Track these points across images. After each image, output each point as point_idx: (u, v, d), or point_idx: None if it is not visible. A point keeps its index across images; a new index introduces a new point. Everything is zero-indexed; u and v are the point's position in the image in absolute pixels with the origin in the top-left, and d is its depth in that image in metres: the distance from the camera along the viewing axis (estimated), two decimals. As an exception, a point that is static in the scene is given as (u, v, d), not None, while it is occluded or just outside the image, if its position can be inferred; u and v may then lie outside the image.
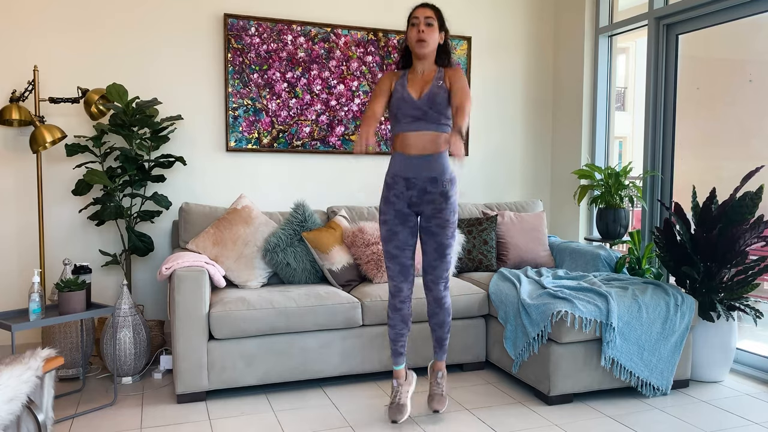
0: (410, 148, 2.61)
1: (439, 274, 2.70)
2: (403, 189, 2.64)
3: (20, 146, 3.52)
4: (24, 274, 3.58)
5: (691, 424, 2.74)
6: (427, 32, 2.60)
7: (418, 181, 2.61)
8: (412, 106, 2.60)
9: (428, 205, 2.64)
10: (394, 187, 2.66)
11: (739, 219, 3.14)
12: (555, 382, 2.91)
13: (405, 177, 2.62)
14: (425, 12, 2.62)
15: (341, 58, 4.09)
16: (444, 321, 2.78)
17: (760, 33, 3.44)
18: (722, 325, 3.22)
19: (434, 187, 2.62)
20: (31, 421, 1.76)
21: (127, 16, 3.66)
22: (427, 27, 2.60)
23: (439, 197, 2.63)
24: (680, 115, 3.86)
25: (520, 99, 4.63)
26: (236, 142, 3.90)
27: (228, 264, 3.33)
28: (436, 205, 2.63)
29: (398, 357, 2.77)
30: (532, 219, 3.99)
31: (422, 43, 2.60)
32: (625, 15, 4.22)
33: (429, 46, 2.61)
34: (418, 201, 2.64)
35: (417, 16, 2.61)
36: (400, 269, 2.69)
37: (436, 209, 2.64)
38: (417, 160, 2.61)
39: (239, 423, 2.72)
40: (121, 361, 3.16)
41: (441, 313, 2.76)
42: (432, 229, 2.66)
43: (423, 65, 2.67)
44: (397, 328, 2.74)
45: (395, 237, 2.67)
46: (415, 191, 2.62)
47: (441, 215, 2.64)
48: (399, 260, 2.68)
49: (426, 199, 2.63)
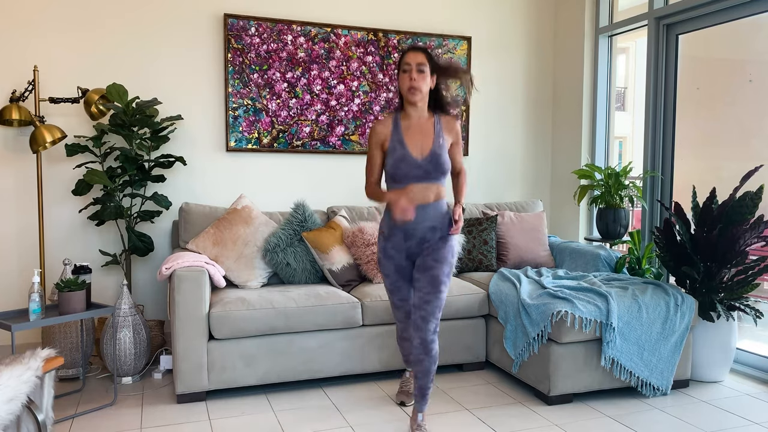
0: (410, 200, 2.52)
1: (431, 311, 2.53)
2: (400, 241, 2.58)
3: (20, 146, 3.52)
4: (24, 274, 3.58)
5: (691, 424, 2.74)
6: (419, 79, 2.50)
7: (417, 231, 2.55)
8: (414, 166, 2.51)
9: (427, 249, 2.58)
10: (390, 239, 2.60)
11: (739, 219, 3.14)
12: (555, 382, 2.91)
13: (403, 228, 2.56)
14: (417, 57, 2.51)
15: (341, 58, 4.09)
16: (429, 369, 2.57)
17: (760, 33, 3.44)
18: (722, 325, 3.22)
19: (433, 234, 2.57)
20: (31, 421, 1.76)
21: (127, 16, 3.66)
22: (418, 74, 2.50)
23: (438, 242, 2.57)
24: (680, 115, 3.86)
25: (520, 99, 4.63)
26: (236, 142, 3.90)
27: (228, 264, 3.33)
28: (434, 246, 2.57)
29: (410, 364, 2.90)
30: (532, 219, 3.99)
31: (414, 91, 2.50)
32: (625, 15, 4.22)
33: (421, 93, 2.52)
34: (417, 250, 2.59)
35: (408, 62, 2.51)
36: (405, 315, 2.73)
37: (434, 249, 2.57)
38: (416, 210, 2.53)
39: (239, 423, 2.72)
40: (121, 361, 3.16)
41: (427, 360, 2.55)
42: (428, 263, 2.55)
43: (417, 111, 2.58)
44: (406, 350, 2.87)
45: (398, 291, 2.67)
46: (414, 241, 2.57)
47: (438, 253, 2.56)
48: (403, 309, 2.71)
49: (424, 246, 2.58)
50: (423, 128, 2.57)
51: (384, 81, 4.19)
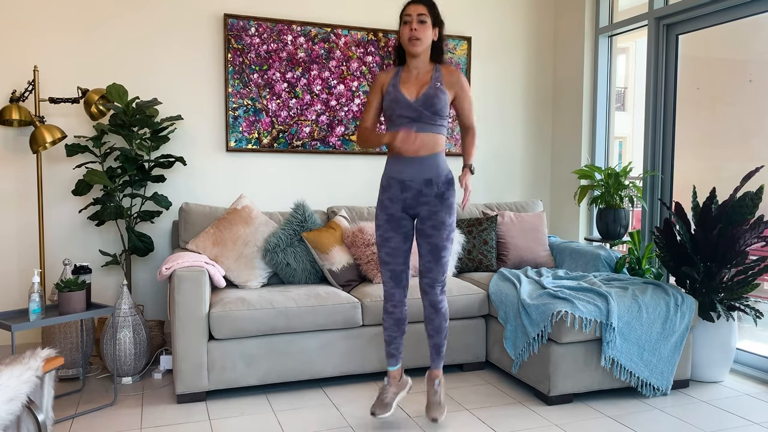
0: (405, 150, 2.55)
1: (434, 277, 2.61)
2: (397, 192, 2.59)
3: (20, 146, 3.52)
4: (24, 274, 3.58)
5: (691, 424, 2.74)
6: (420, 30, 2.50)
7: (414, 183, 2.55)
8: (406, 106, 2.53)
9: (423, 207, 2.58)
10: (388, 190, 2.61)
11: (739, 219, 3.14)
12: (555, 382, 2.91)
13: (400, 179, 2.57)
14: (417, 8, 2.52)
15: (341, 58, 4.09)
16: (441, 326, 2.67)
17: (760, 33, 3.44)
18: (722, 325, 3.22)
19: (429, 189, 2.55)
20: (31, 421, 1.76)
21: (127, 16, 3.66)
22: (419, 24, 2.51)
23: (434, 199, 2.56)
24: (680, 115, 3.86)
25: (520, 99, 4.63)
26: (236, 142, 3.90)
27: (228, 264, 3.33)
28: (431, 207, 2.57)
29: (391, 359, 2.75)
30: (532, 219, 3.99)
31: (415, 41, 2.51)
32: (625, 15, 4.22)
33: (422, 44, 2.53)
34: (413, 203, 2.58)
35: (409, 13, 2.52)
36: (392, 275, 2.65)
37: (431, 211, 2.57)
38: (411, 161, 2.55)
39: (239, 423, 2.72)
40: (121, 361, 3.16)
41: (437, 318, 2.66)
42: (426, 230, 2.59)
43: (417, 63, 2.59)
44: (390, 331, 2.72)
45: (387, 243, 2.62)
46: (410, 193, 2.57)
47: (436, 217, 2.57)
48: (390, 266, 2.64)
49: (421, 201, 2.57)
50: (421, 76, 2.59)
51: (384, 81, 4.19)
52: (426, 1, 2.55)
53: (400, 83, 2.59)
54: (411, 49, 2.54)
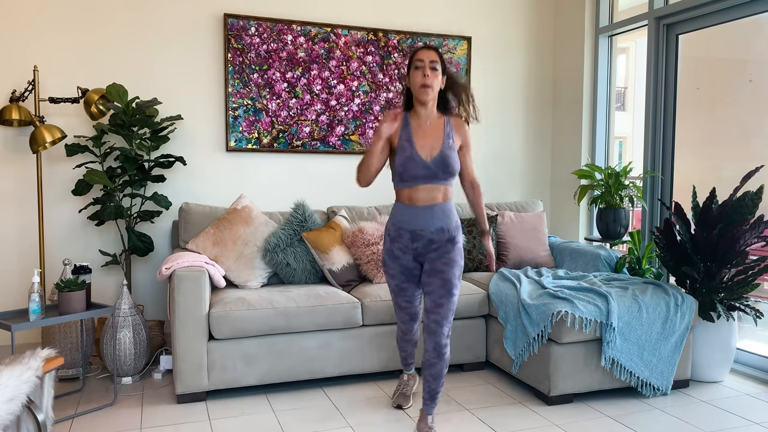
0: (418, 201, 2.51)
1: (444, 314, 2.52)
2: (408, 242, 2.54)
3: (20, 146, 3.52)
4: (24, 274, 3.57)
5: (691, 424, 2.74)
6: (432, 77, 2.46)
7: (425, 233, 2.51)
8: (422, 167, 2.47)
9: (434, 252, 2.55)
10: (398, 240, 2.56)
11: (739, 219, 3.14)
12: (555, 382, 2.91)
13: (410, 229, 2.53)
14: (430, 55, 2.47)
15: (341, 58, 4.09)
16: (441, 373, 2.56)
17: (760, 33, 3.44)
18: (722, 325, 3.22)
19: (441, 236, 2.53)
20: (31, 421, 1.76)
21: (127, 16, 3.66)
22: (431, 71, 2.46)
23: (446, 243, 2.54)
24: (680, 115, 3.86)
25: (520, 99, 4.63)
26: (236, 142, 3.90)
27: (228, 264, 3.33)
28: (442, 249, 2.54)
29: (409, 365, 2.97)
30: (532, 219, 3.99)
31: (427, 89, 2.47)
32: (625, 15, 4.22)
33: (433, 92, 2.50)
34: (424, 251, 2.55)
35: (422, 59, 2.47)
36: (410, 317, 2.73)
37: (442, 252, 2.54)
38: (423, 211, 2.51)
39: (239, 423, 2.72)
40: (121, 361, 3.16)
41: (439, 363, 2.54)
42: (438, 267, 2.52)
43: (426, 111, 2.54)
44: (408, 351, 2.90)
45: (404, 293, 2.66)
46: (421, 243, 2.53)
47: (448, 256, 2.54)
48: (408, 311, 2.71)
49: (432, 247, 2.54)
50: (432, 129, 2.54)
51: (384, 81, 4.19)
52: (436, 49, 2.53)
53: (414, 137, 2.52)
54: (422, 97, 2.49)
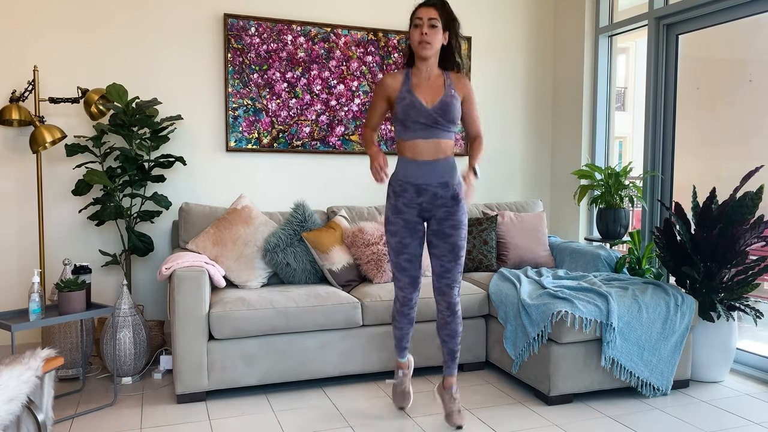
0: (421, 155, 2.53)
1: (454, 277, 2.61)
2: (413, 196, 2.56)
3: (20, 146, 3.52)
4: (24, 274, 3.57)
5: (691, 424, 2.74)
6: (431, 34, 2.48)
7: (430, 187, 2.54)
8: (423, 114, 2.50)
9: (440, 209, 2.57)
10: (402, 195, 2.57)
11: (739, 219, 3.14)
12: (555, 382, 2.91)
13: (415, 183, 2.54)
14: (429, 12, 2.49)
15: (341, 58, 4.09)
16: (456, 331, 2.67)
17: (760, 33, 3.44)
18: (722, 325, 3.22)
19: (445, 191, 2.55)
20: (31, 421, 1.76)
21: (127, 16, 3.66)
22: (430, 29, 2.48)
23: (450, 200, 2.56)
24: (680, 115, 3.86)
25: (520, 99, 4.63)
26: (236, 142, 3.90)
27: (228, 264, 3.33)
28: (448, 207, 2.57)
29: (403, 351, 2.82)
30: (532, 219, 3.99)
31: (426, 45, 2.48)
32: (625, 15, 4.22)
33: (433, 49, 2.51)
34: (430, 206, 2.56)
35: (420, 16, 2.49)
36: (410, 281, 2.64)
37: (448, 212, 2.57)
38: (427, 165, 2.53)
39: (239, 423, 2.72)
40: (121, 361, 3.16)
41: (453, 321, 2.65)
42: (445, 230, 2.57)
43: (427, 67, 2.56)
44: (404, 330, 2.76)
45: (405, 249, 2.59)
46: (427, 197, 2.55)
47: (454, 217, 2.57)
48: (409, 272, 2.62)
49: (437, 203, 2.56)
50: (433, 82, 2.56)
51: (384, 81, 4.19)
52: (437, 4, 2.52)
53: (413, 87, 2.55)
54: (421, 53, 2.51)
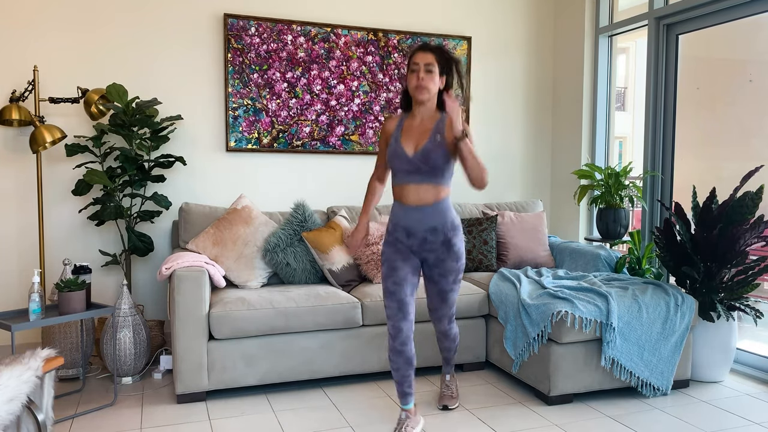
0: (408, 200, 2.52)
1: (443, 314, 2.71)
2: (404, 237, 2.55)
3: (20, 146, 3.52)
4: (24, 274, 3.57)
5: (691, 424, 2.74)
6: (427, 79, 2.46)
7: (418, 232, 2.52)
8: (405, 161, 2.49)
9: (430, 254, 2.56)
10: (394, 234, 2.58)
11: (739, 219, 3.14)
12: (555, 382, 2.91)
13: (404, 226, 2.54)
14: (426, 57, 2.46)
15: (341, 58, 4.09)
16: (451, 347, 2.86)
17: (760, 33, 3.44)
18: (722, 325, 3.22)
19: (435, 237, 2.52)
20: (31, 421, 1.76)
21: (127, 16, 3.66)
22: (427, 74, 2.46)
23: (440, 246, 2.53)
24: (680, 115, 3.86)
25: (520, 99, 4.63)
26: (236, 142, 3.90)
27: (228, 264, 3.33)
28: (438, 254, 2.55)
29: (406, 397, 2.56)
30: (532, 219, 3.99)
31: (422, 90, 2.47)
32: (625, 15, 4.22)
33: (429, 93, 2.48)
34: (419, 249, 2.55)
35: (417, 62, 2.47)
36: (398, 306, 2.50)
37: (438, 258, 2.56)
38: (414, 210, 2.51)
39: (239, 423, 2.72)
40: (121, 361, 3.16)
41: (447, 341, 2.83)
42: (434, 277, 2.60)
43: (422, 111, 2.54)
44: (401, 371, 2.53)
45: (394, 273, 2.53)
46: (416, 241, 2.53)
47: (443, 265, 2.56)
48: (397, 296, 2.51)
49: (426, 248, 2.54)
50: (423, 127, 2.54)
51: (384, 81, 4.19)
52: (434, 49, 2.50)
53: (402, 134, 2.55)
54: (417, 98, 2.51)
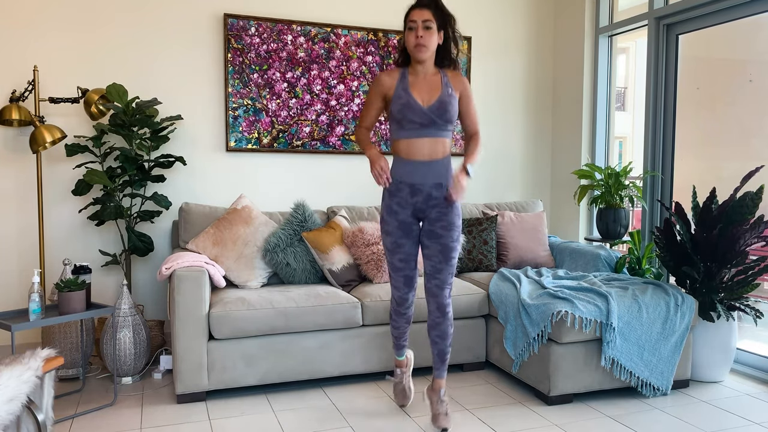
0: (416, 155, 2.52)
1: (444, 279, 2.60)
2: (407, 196, 2.55)
3: (20, 146, 3.52)
4: (24, 274, 3.57)
5: (691, 424, 2.74)
6: (426, 36, 2.46)
7: (424, 187, 2.53)
8: (419, 113, 2.48)
9: (433, 209, 2.56)
10: (397, 195, 2.56)
11: (739, 219, 3.14)
12: (555, 382, 2.91)
13: (410, 183, 2.54)
14: (423, 14, 2.46)
15: (341, 58, 4.09)
16: (446, 332, 2.64)
17: (760, 33, 3.44)
18: (722, 325, 3.22)
19: (439, 192, 2.55)
20: (31, 421, 1.76)
21: (127, 16, 3.66)
22: (425, 31, 2.45)
23: (443, 201, 2.56)
24: (680, 115, 3.86)
25: (520, 99, 4.63)
26: (236, 142, 3.90)
27: (228, 264, 3.33)
28: (440, 208, 2.56)
29: (401, 349, 2.83)
30: (532, 219, 3.99)
31: (422, 48, 2.46)
32: (625, 15, 4.22)
33: (428, 51, 2.49)
34: (424, 206, 2.56)
35: (414, 19, 2.46)
36: (405, 281, 2.63)
37: (441, 213, 2.56)
38: (423, 165, 2.52)
39: (239, 423, 2.72)
40: (121, 361, 3.16)
41: (444, 323, 2.63)
42: (437, 231, 2.57)
43: (423, 67, 2.55)
44: (401, 329, 2.78)
45: (400, 249, 2.58)
46: (421, 197, 2.54)
47: (446, 218, 2.57)
48: (404, 272, 2.62)
49: (431, 203, 2.55)
50: (429, 81, 2.54)
51: (384, 81, 4.19)
52: (431, 5, 2.49)
53: (411, 87, 2.53)
54: (417, 56, 2.50)
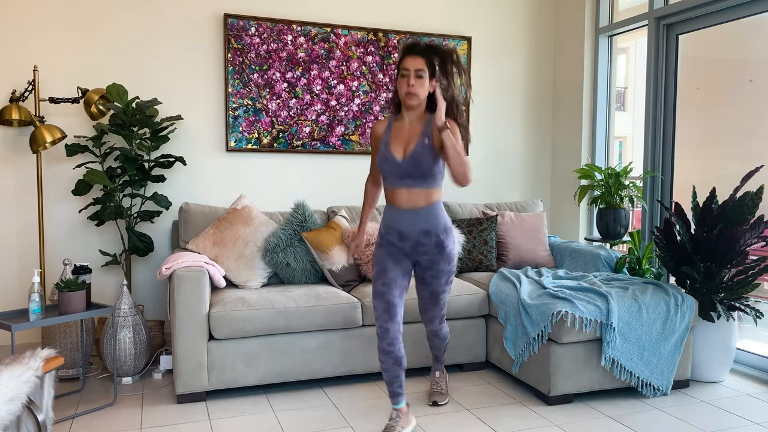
0: (400, 203, 2.53)
1: (434, 315, 2.74)
2: (396, 240, 2.56)
3: (20, 146, 3.52)
4: (24, 274, 3.57)
5: (691, 424, 2.74)
6: (417, 85, 2.45)
7: (412, 234, 2.52)
8: (394, 166, 2.49)
9: (423, 256, 2.57)
10: (387, 237, 2.58)
11: (739, 219, 3.14)
12: (555, 382, 2.91)
13: (397, 230, 2.54)
14: (416, 63, 2.44)
15: (341, 58, 4.09)
16: (441, 346, 2.89)
17: (760, 33, 3.44)
18: (722, 325, 3.22)
19: (428, 239, 2.53)
20: (31, 421, 1.76)
21: (127, 16, 3.66)
22: (417, 80, 2.45)
23: (433, 248, 2.55)
24: (680, 115, 3.86)
25: (520, 99, 4.63)
26: (236, 142, 3.90)
27: (228, 264, 3.33)
28: (431, 256, 2.56)
29: (396, 397, 2.55)
30: (532, 219, 3.99)
31: (411, 96, 2.46)
32: (625, 15, 4.22)
33: (418, 99, 2.48)
34: (412, 252, 2.56)
35: (407, 67, 2.45)
36: (386, 307, 2.50)
37: (431, 261, 2.57)
38: (407, 213, 2.52)
39: (239, 423, 2.72)
40: (121, 361, 3.16)
41: (437, 341, 2.86)
42: (426, 279, 2.62)
43: (411, 115, 2.54)
44: (390, 372, 2.52)
45: (384, 274, 2.54)
46: (409, 243, 2.54)
47: (436, 267, 2.58)
48: (385, 297, 2.50)
49: (420, 250, 2.55)
50: (412, 129, 2.54)
51: (384, 81, 4.19)
52: (425, 53, 2.47)
53: (391, 139, 2.54)
54: (407, 103, 2.51)
